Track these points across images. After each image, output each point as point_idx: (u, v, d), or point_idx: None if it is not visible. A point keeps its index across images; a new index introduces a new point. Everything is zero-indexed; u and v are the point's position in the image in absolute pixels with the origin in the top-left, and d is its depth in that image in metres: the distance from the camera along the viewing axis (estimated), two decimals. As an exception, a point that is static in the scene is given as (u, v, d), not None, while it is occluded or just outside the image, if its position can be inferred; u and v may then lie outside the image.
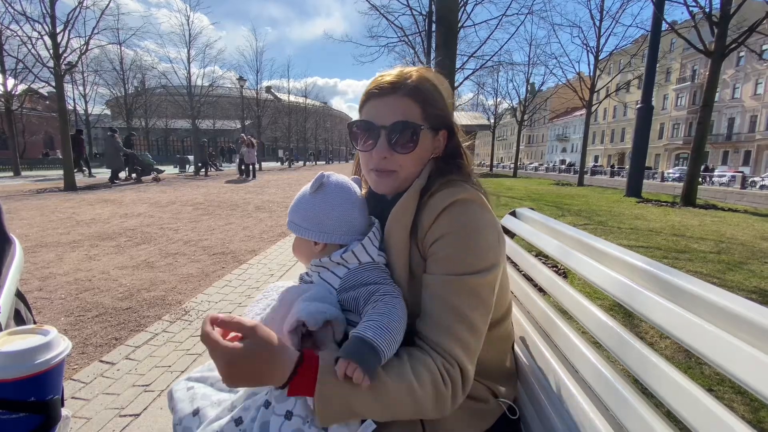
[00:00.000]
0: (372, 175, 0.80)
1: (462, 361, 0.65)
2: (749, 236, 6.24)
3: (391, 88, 0.75)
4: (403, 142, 0.75)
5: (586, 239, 0.98)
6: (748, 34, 9.28)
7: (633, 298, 0.69)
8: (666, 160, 40.96)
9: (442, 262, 0.69)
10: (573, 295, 0.86)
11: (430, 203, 0.72)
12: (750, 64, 32.92)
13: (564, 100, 39.74)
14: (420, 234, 0.73)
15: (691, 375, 1.98)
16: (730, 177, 22.52)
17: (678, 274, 0.67)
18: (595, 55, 18.09)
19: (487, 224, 0.71)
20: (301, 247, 0.82)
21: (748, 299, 1.62)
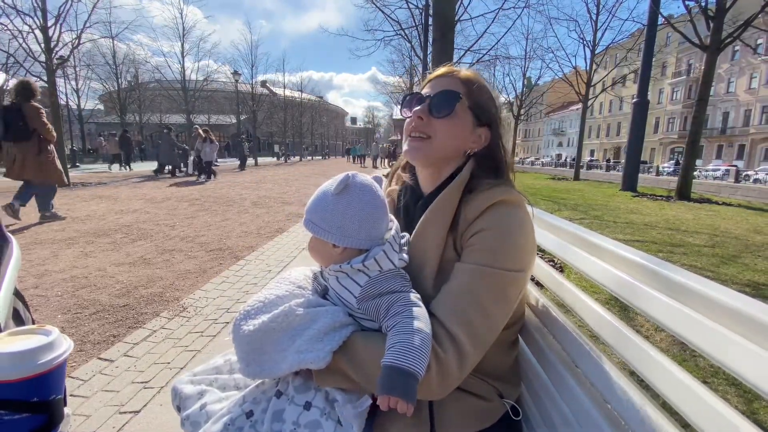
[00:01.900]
0: (408, 143, 0.85)
1: (461, 340, 0.66)
2: (743, 230, 6.30)
3: (448, 72, 0.86)
4: (440, 106, 0.81)
5: (584, 234, 0.98)
6: (743, 28, 9.30)
7: (629, 292, 0.70)
8: (661, 154, 41.17)
9: (477, 253, 0.71)
10: (572, 290, 0.87)
11: (477, 199, 0.75)
12: (745, 59, 33.03)
13: (560, 95, 39.76)
14: (461, 227, 0.76)
15: (686, 367, 2.02)
16: (724, 171, 22.70)
17: (673, 268, 0.67)
18: (592, 49, 18.08)
19: (527, 229, 0.75)
20: (319, 248, 0.80)
21: (741, 292, 1.64)
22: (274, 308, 0.73)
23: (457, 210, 0.78)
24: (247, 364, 0.71)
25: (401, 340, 0.63)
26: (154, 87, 32.79)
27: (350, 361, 0.69)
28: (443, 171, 0.85)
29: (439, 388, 0.67)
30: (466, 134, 0.83)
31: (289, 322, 0.71)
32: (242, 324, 0.72)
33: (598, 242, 0.90)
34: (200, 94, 24.99)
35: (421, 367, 0.60)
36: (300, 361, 0.67)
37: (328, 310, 0.74)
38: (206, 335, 2.39)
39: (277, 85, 45.71)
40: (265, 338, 0.71)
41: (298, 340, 0.70)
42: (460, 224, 0.76)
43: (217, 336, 2.37)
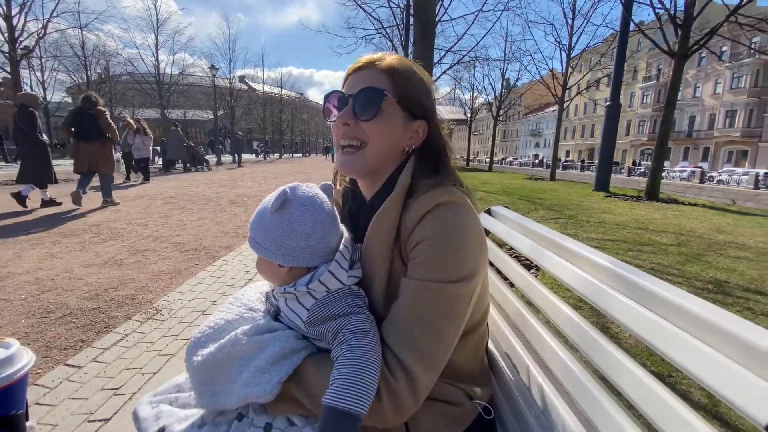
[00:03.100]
0: (339, 155, 0.78)
1: (411, 367, 0.62)
2: (706, 229, 6.63)
3: (367, 64, 0.76)
4: (365, 107, 0.73)
5: (558, 239, 1.01)
6: (709, 36, 9.76)
7: (598, 295, 0.73)
8: (632, 156, 42.76)
9: (421, 267, 0.66)
10: (544, 293, 0.89)
11: (415, 205, 0.69)
12: (710, 65, 34.68)
13: (537, 97, 40.70)
14: (403, 237, 0.70)
15: (653, 362, 2.11)
16: (690, 172, 23.82)
17: (640, 273, 0.70)
18: (568, 52, 18.58)
19: (472, 230, 0.69)
20: (266, 268, 0.74)
21: (705, 289, 1.71)
22: (222, 336, 0.70)
23: (400, 217, 0.72)
24: (200, 395, 0.69)
25: (343, 375, 0.59)
26: (126, 80, 31.56)
27: (303, 390, 0.65)
28: (382, 174, 0.79)
29: (394, 417, 0.63)
30: (400, 132, 0.76)
31: (236, 351, 0.67)
32: (193, 354, 0.69)
33: (572, 247, 0.93)
34: (175, 89, 24.22)
35: (362, 405, 0.57)
36: (246, 395, 0.64)
37: (277, 336, 0.70)
38: (181, 339, 2.32)
39: (256, 80, 44.89)
40: (214, 369, 0.67)
41: (244, 371, 0.66)
42: (403, 234, 0.71)
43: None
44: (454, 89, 32.86)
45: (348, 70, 0.79)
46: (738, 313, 3.02)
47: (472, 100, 36.76)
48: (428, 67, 4.38)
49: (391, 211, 0.71)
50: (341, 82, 0.83)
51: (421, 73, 0.79)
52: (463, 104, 38.63)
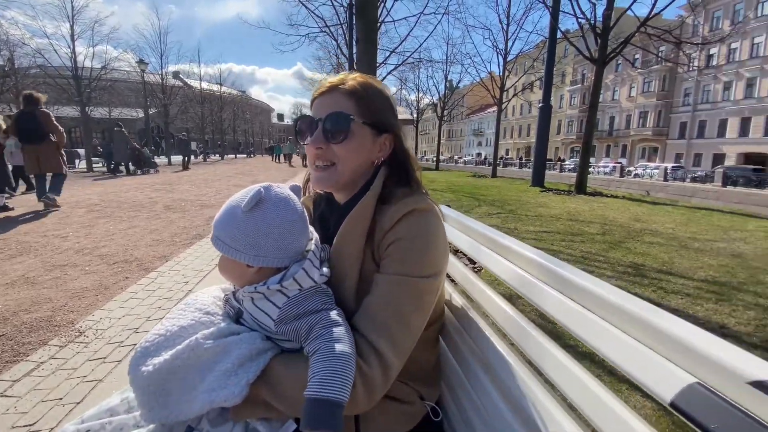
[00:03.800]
0: (313, 173, 0.83)
1: (385, 353, 0.67)
2: (626, 218, 7.39)
3: (331, 88, 0.81)
4: (335, 131, 0.78)
5: (494, 236, 1.05)
6: (623, 45, 10.87)
7: (529, 289, 0.77)
8: (564, 153, 46.43)
9: (394, 263, 0.73)
10: (482, 288, 0.93)
11: (391, 210, 0.75)
12: (626, 71, 38.66)
13: (478, 98, 42.70)
14: (377, 238, 0.76)
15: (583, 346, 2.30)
16: (612, 167, 26.41)
17: (564, 265, 0.75)
18: (504, 56, 19.69)
19: (440, 234, 0.77)
20: (231, 268, 0.73)
21: (625, 272, 1.88)
22: (177, 342, 0.66)
23: (372, 221, 0.78)
24: (149, 409, 0.64)
25: (323, 367, 0.60)
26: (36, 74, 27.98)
27: (271, 390, 0.66)
28: (355, 185, 0.85)
29: (365, 402, 0.67)
30: (369, 148, 0.82)
31: (197, 357, 0.65)
32: (140, 363, 0.64)
33: (507, 243, 0.97)
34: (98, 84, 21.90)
35: (345, 394, 0.59)
36: (212, 400, 0.62)
37: (243, 338, 0.69)
38: (110, 361, 2.11)
39: (193, 77, 42.13)
40: (169, 378, 0.63)
41: (208, 376, 0.64)
42: (377, 235, 0.77)
43: (123, 361, 2.11)
44: (400, 90, 33.50)
45: (314, 93, 0.85)
46: (652, 292, 3.40)
47: (417, 101, 37.62)
48: (372, 68, 4.40)
49: (364, 213, 0.77)
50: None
51: (382, 89, 0.85)
52: (409, 104, 39.38)
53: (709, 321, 2.83)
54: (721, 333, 2.62)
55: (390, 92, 0.88)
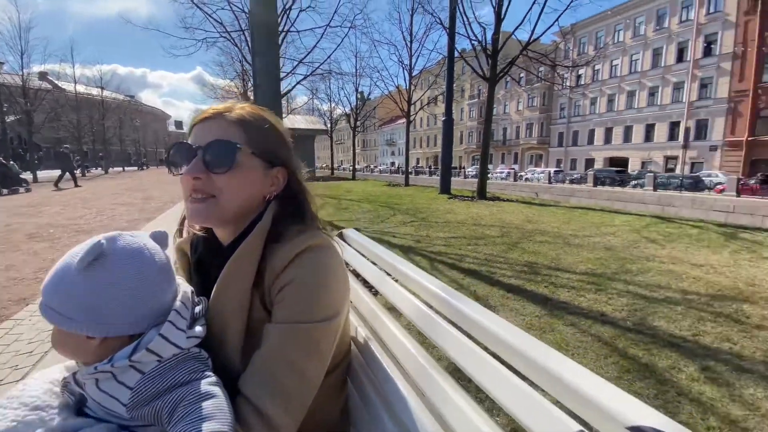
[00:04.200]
0: (188, 204, 0.72)
1: (273, 416, 0.59)
2: (520, 220, 8.28)
3: (215, 114, 0.73)
4: (218, 160, 0.69)
5: (398, 264, 1.04)
6: (509, 65, 12.29)
7: (428, 324, 0.76)
8: (466, 161, 50.67)
9: (287, 309, 0.65)
10: (385, 323, 0.89)
11: (282, 249, 0.68)
12: (513, 88, 43.81)
13: (389, 110, 44.39)
14: (267, 281, 0.68)
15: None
16: (507, 173, 29.59)
17: (464, 300, 0.75)
18: (409, 72, 20.82)
19: (337, 271, 0.71)
20: (66, 341, 0.58)
21: (522, 271, 2.01)
22: None
23: (262, 262, 0.70)
24: None
25: None
26: None
27: None
28: (243, 222, 0.75)
29: None
30: (259, 182, 0.74)
31: None
32: None
33: (408, 272, 0.96)
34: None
35: None
36: None
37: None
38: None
39: (66, 79, 36.08)
40: None
41: None
42: (267, 277, 0.68)
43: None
44: (312, 99, 33.16)
45: (193, 120, 0.76)
46: (545, 288, 3.80)
47: (330, 111, 37.65)
48: (275, 79, 4.22)
49: (250, 254, 0.69)
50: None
51: (273, 121, 0.79)
52: (322, 114, 39.19)
53: (591, 310, 3.26)
54: (601, 321, 3.04)
55: (283, 126, 0.82)
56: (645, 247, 5.72)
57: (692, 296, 3.61)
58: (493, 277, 4.14)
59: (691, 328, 2.91)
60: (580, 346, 2.60)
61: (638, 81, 30.07)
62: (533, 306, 3.31)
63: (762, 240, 6.54)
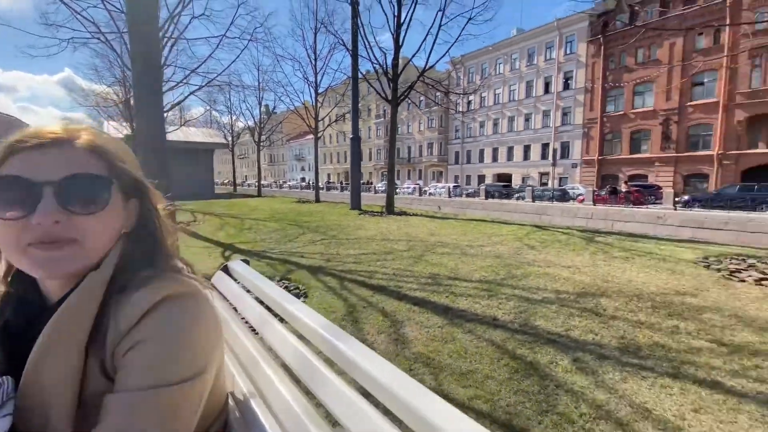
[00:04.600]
0: (33, 253, 0.54)
1: None
2: (425, 234, 8.76)
3: (58, 140, 0.57)
4: (87, 199, 0.56)
5: (284, 301, 0.97)
6: (409, 90, 13.12)
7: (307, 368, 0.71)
8: (376, 177, 52.30)
9: (139, 373, 0.53)
10: (267, 374, 0.81)
11: (131, 301, 0.56)
12: (415, 110, 46.94)
13: (296, 125, 43.62)
14: (110, 343, 0.55)
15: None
16: (413, 188, 31.29)
17: (345, 338, 0.72)
18: (315, 89, 20.82)
19: (207, 323, 0.60)
20: None
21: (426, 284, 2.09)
22: None
23: (102, 318, 0.56)
24: None
25: None
26: None
27: None
28: None
29: None
30: (121, 217, 0.63)
31: None
32: None
33: (292, 309, 0.90)
34: None
35: None
36: None
37: None
38: None
39: None
40: None
41: None
42: (110, 338, 0.55)
43: None
44: (210, 111, 30.86)
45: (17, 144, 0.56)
46: (446, 298, 4.02)
47: (231, 124, 35.48)
48: (155, 91, 3.78)
49: (83, 308, 0.56)
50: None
51: (127, 147, 0.68)
52: (222, 127, 36.73)
53: (485, 315, 3.55)
54: (494, 325, 3.32)
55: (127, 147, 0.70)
56: (526, 254, 6.51)
57: (563, 295, 4.19)
58: (401, 291, 4.25)
59: (564, 324, 3.36)
60: (477, 352, 2.79)
61: (516, 108, 34.84)
62: (436, 317, 3.47)
63: (612, 242, 7.98)
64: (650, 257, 6.28)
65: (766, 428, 1.97)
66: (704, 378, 2.46)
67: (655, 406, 2.15)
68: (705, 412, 2.09)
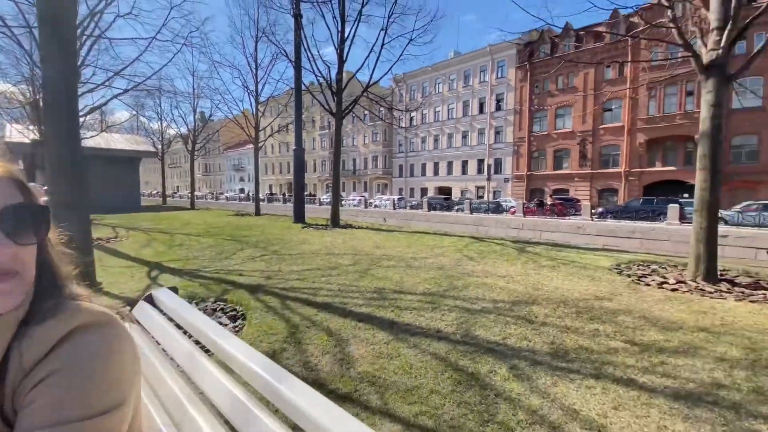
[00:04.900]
0: None
1: None
2: (370, 247, 8.77)
3: None
4: (28, 228, 0.54)
5: (219, 339, 0.89)
6: (353, 105, 13.23)
7: (242, 415, 0.66)
8: (320, 189, 51.64)
9: (39, 412, 0.47)
10: (194, 417, 0.74)
11: (36, 334, 0.52)
12: (360, 123, 47.43)
13: (235, 134, 41.79)
14: (11, 381, 0.50)
15: None
16: (359, 200, 31.37)
17: (286, 378, 0.68)
18: (255, 98, 20.17)
19: (121, 351, 0.55)
20: None
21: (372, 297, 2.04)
22: None
23: (5, 358, 0.50)
24: None
25: None
26: None
27: None
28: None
29: None
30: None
31: None
32: None
33: (225, 345, 0.83)
34: None
35: None
36: None
37: None
38: None
39: None
40: None
41: None
42: (11, 377, 0.50)
43: None
44: (137, 116, 28.42)
45: None
46: (391, 312, 4.04)
47: (161, 131, 32.97)
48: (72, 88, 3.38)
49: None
50: None
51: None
52: (151, 134, 33.98)
53: (429, 328, 3.61)
54: (437, 337, 3.39)
55: None
56: (466, 264, 6.80)
57: (500, 304, 4.42)
58: (346, 307, 4.19)
59: (501, 332, 3.53)
60: (422, 366, 2.83)
61: (455, 126, 36.76)
62: (382, 333, 3.46)
63: (540, 252, 8.64)
64: (573, 265, 6.90)
65: (673, 419, 2.23)
66: (621, 376, 2.72)
67: (582, 406, 2.33)
68: (623, 409, 2.31)
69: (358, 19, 12.72)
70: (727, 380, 2.69)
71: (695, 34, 6.40)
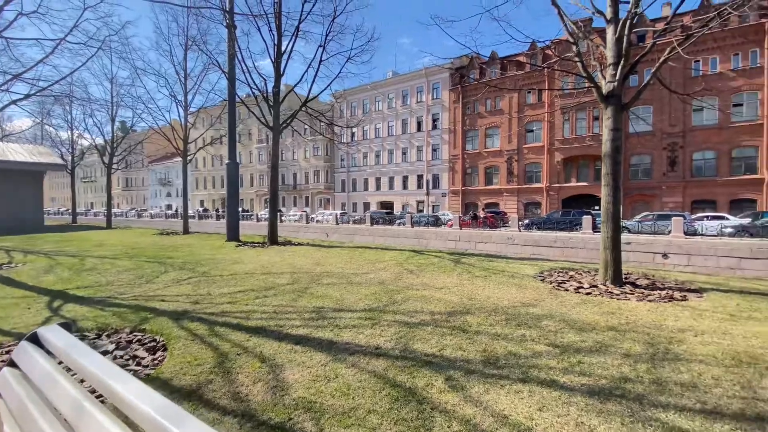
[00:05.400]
0: None
1: None
2: (310, 264, 8.55)
3: None
4: None
5: (112, 381, 0.79)
6: (291, 118, 13.00)
7: None
8: (258, 204, 49.50)
9: None
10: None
11: None
12: (300, 137, 46.68)
13: (161, 146, 38.76)
14: None
15: None
16: (299, 215, 30.57)
17: (190, 424, 0.62)
18: (184, 108, 18.93)
19: None
20: None
21: (311, 318, 1.94)
22: None
23: None
24: None
25: None
26: None
27: None
28: None
29: None
30: None
31: None
32: None
33: (120, 391, 0.74)
34: None
35: None
36: None
37: None
38: None
39: None
40: None
41: None
42: None
43: None
44: (42, 124, 25.07)
45: None
46: (330, 332, 3.93)
47: (72, 141, 29.47)
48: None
49: None
50: None
51: None
52: (58, 144, 30.23)
53: (369, 346, 3.58)
54: (376, 354, 3.36)
55: None
56: (406, 278, 6.92)
57: (437, 316, 4.54)
58: (282, 330, 4.00)
59: (438, 343, 3.62)
60: (360, 386, 2.78)
61: (395, 142, 37.81)
62: (320, 355, 3.35)
63: (474, 263, 9.09)
64: (503, 274, 7.35)
65: (589, 415, 2.43)
66: (545, 378, 2.92)
67: (511, 411, 2.45)
68: (547, 410, 2.47)
69: (295, 35, 12.64)
70: (632, 374, 3.01)
71: (596, 67, 7.35)
